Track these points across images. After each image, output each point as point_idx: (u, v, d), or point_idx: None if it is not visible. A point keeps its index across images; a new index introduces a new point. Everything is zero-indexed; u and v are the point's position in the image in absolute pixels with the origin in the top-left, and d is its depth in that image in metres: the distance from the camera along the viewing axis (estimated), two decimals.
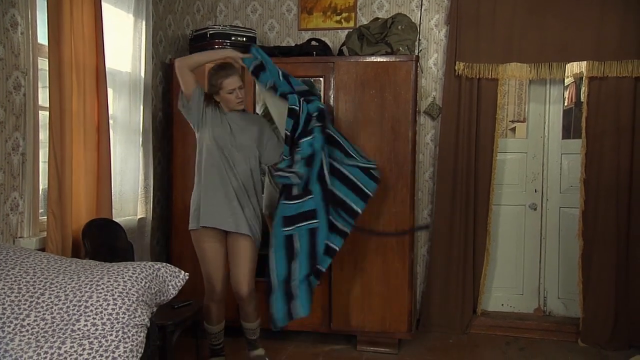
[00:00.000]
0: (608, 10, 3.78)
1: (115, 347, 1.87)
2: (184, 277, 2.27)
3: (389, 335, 3.66)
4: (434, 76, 4.27)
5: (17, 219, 2.64)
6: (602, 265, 3.85)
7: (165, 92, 3.95)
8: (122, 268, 2.09)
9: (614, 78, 3.80)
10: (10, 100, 2.58)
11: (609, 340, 3.80)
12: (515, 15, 3.93)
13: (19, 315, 1.89)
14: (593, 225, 3.88)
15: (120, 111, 3.38)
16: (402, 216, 3.59)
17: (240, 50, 3.78)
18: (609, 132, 3.84)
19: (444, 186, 4.09)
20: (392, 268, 3.61)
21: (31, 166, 2.69)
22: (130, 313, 1.96)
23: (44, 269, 2.08)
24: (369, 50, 3.73)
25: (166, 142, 3.97)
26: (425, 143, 4.29)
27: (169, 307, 3.02)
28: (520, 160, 4.32)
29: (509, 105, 5.70)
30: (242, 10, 4.50)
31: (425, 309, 4.16)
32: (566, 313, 4.22)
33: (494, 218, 4.16)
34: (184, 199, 3.82)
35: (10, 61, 2.57)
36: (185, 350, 3.44)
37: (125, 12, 3.37)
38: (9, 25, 2.55)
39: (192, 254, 3.76)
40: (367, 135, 3.62)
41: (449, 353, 3.73)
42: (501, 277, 4.32)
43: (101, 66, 2.98)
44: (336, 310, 3.69)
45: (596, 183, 3.87)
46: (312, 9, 4.38)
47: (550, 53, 3.90)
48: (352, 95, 3.64)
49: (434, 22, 4.26)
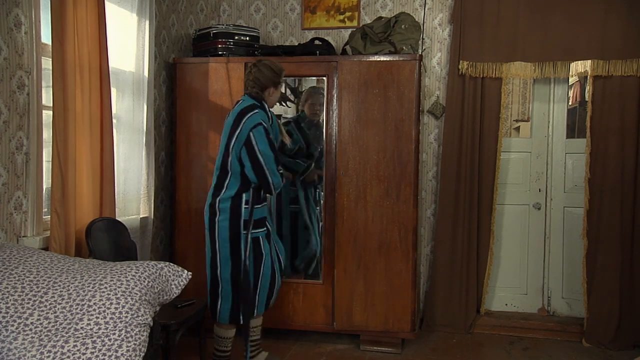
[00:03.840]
0: (612, 9, 3.76)
1: (118, 346, 1.87)
2: (187, 277, 2.27)
3: (392, 334, 3.65)
4: (438, 75, 4.26)
5: (21, 218, 2.64)
6: (606, 265, 3.83)
7: (168, 91, 3.96)
8: (125, 267, 2.10)
9: (619, 77, 3.79)
10: (14, 99, 2.58)
11: (613, 340, 3.79)
12: (519, 14, 3.92)
13: (23, 314, 1.90)
14: (597, 225, 3.86)
15: (123, 111, 3.38)
16: (405, 215, 3.59)
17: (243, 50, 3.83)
18: (613, 131, 3.82)
19: (447, 185, 4.08)
20: (396, 267, 3.61)
21: (35, 165, 2.69)
22: (133, 312, 1.96)
23: (48, 268, 2.08)
24: (373, 49, 3.73)
25: (169, 142, 3.98)
26: (428, 142, 4.28)
27: (172, 307, 3.02)
28: (524, 160, 4.30)
29: (513, 104, 5.69)
30: (245, 9, 4.50)
31: (428, 308, 4.16)
32: (570, 313, 4.21)
33: (497, 218, 4.16)
34: (187, 199, 3.83)
35: (14, 61, 2.57)
36: (188, 349, 3.44)
37: (128, 12, 3.37)
38: (13, 24, 2.55)
39: (195, 254, 3.79)
40: (370, 135, 3.62)
41: (452, 353, 3.72)
42: (505, 277, 4.31)
43: (105, 66, 2.98)
44: (339, 310, 3.69)
45: (601, 182, 3.86)
46: (315, 8, 4.38)
47: (555, 52, 3.89)
48: (356, 94, 3.63)
49: (438, 21, 4.25)
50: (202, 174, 3.80)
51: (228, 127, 3.04)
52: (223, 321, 3.09)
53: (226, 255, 3.03)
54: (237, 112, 3.03)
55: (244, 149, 2.97)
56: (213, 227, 3.05)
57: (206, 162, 3.77)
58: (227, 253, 3.03)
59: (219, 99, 3.77)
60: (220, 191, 3.05)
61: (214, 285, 3.08)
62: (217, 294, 3.08)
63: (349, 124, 3.64)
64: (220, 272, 3.05)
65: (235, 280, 3.04)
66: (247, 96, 3.13)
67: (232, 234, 3.02)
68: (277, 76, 3.15)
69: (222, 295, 3.06)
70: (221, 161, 3.06)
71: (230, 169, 3.03)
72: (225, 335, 3.15)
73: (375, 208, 3.62)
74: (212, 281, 3.09)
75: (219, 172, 3.08)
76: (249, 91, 3.14)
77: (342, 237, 3.67)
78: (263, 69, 3.11)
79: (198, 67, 3.82)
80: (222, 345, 3.16)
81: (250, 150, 2.97)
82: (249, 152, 2.97)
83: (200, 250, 3.76)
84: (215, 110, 3.76)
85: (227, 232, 3.02)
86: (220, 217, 3.02)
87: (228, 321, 3.09)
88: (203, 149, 3.80)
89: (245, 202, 3.03)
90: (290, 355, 3.60)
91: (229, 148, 3.02)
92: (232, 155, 3.01)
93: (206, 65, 3.80)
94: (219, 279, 3.06)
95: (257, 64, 3.14)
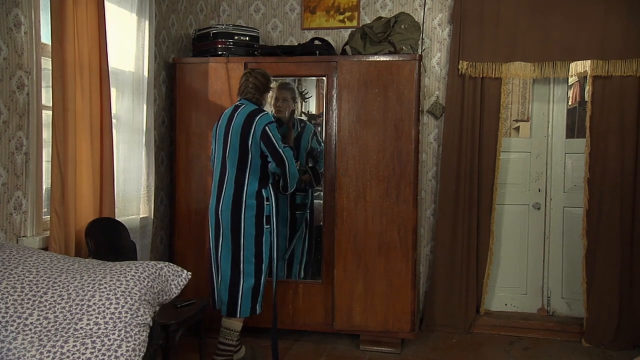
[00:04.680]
0: (612, 9, 3.76)
1: (117, 346, 1.87)
2: (187, 277, 2.27)
3: (392, 334, 3.65)
4: (437, 75, 4.26)
5: (21, 218, 2.65)
6: (606, 265, 3.83)
7: (168, 91, 3.96)
8: (125, 267, 2.10)
9: (618, 77, 3.79)
10: (14, 99, 2.58)
11: (612, 340, 3.79)
12: (519, 14, 3.92)
13: (22, 314, 1.90)
14: (597, 225, 3.86)
15: (123, 111, 3.38)
16: (405, 215, 3.59)
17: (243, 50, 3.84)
18: (613, 131, 3.82)
19: (447, 186, 4.08)
20: (395, 267, 3.61)
21: (34, 165, 2.69)
22: (133, 312, 1.96)
23: (47, 268, 2.08)
24: (372, 49, 3.73)
25: (169, 142, 3.98)
26: (428, 142, 4.28)
27: (171, 306, 3.02)
28: (523, 160, 4.30)
29: (513, 104, 5.68)
30: (245, 9, 4.50)
31: (428, 308, 4.16)
32: (570, 313, 4.21)
33: (497, 217, 4.15)
34: (187, 199, 3.83)
35: (14, 61, 2.57)
36: (188, 349, 3.44)
37: (128, 12, 3.37)
38: (13, 25, 2.55)
39: (194, 254, 3.79)
40: (370, 135, 3.62)
41: (452, 353, 3.73)
42: (505, 277, 4.31)
43: (104, 66, 2.98)
44: (339, 310, 3.69)
45: (600, 182, 3.86)
46: (315, 8, 4.38)
47: (554, 52, 3.89)
48: (355, 94, 3.63)
49: (438, 21, 4.25)
50: (202, 174, 3.80)
51: (239, 127, 3.14)
52: (244, 315, 3.19)
53: (251, 250, 3.15)
54: (247, 114, 3.16)
55: (262, 143, 3.12)
56: (239, 222, 3.14)
57: (206, 162, 3.77)
58: (253, 247, 3.15)
59: (218, 99, 3.77)
60: (242, 188, 3.15)
61: (235, 281, 3.16)
62: (238, 289, 3.16)
63: (349, 124, 3.65)
64: (244, 267, 3.15)
65: (257, 274, 3.17)
66: (247, 101, 3.25)
67: (257, 229, 3.15)
68: (269, 82, 3.35)
69: (243, 289, 3.16)
70: (237, 159, 3.15)
71: (250, 166, 3.15)
72: (236, 328, 3.23)
73: (375, 208, 3.62)
74: (233, 277, 3.17)
75: (237, 171, 3.16)
76: (248, 97, 3.26)
77: (342, 237, 3.67)
78: (259, 77, 3.29)
79: (198, 67, 3.82)
80: (230, 338, 3.22)
81: (269, 142, 3.12)
82: (267, 144, 3.12)
83: (200, 250, 3.78)
84: (215, 110, 3.75)
85: (254, 227, 3.14)
86: (246, 213, 3.13)
87: (249, 314, 3.20)
88: (203, 149, 3.79)
89: (266, 198, 3.18)
90: (290, 355, 3.60)
91: (246, 146, 3.13)
92: (251, 153, 3.13)
93: (206, 65, 3.80)
94: (242, 273, 3.16)
95: (252, 72, 3.32)
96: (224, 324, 3.22)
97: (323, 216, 3.73)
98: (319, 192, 3.86)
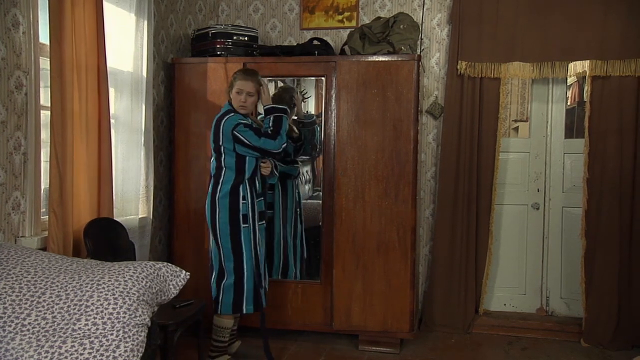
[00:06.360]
0: (611, 9, 3.77)
1: (115, 346, 1.86)
2: (185, 277, 2.26)
3: (390, 334, 3.65)
4: (436, 75, 4.26)
5: (19, 219, 2.64)
6: (604, 265, 3.83)
7: (167, 91, 3.95)
8: (123, 267, 2.09)
9: (617, 77, 3.79)
10: (12, 99, 2.58)
11: (611, 340, 3.79)
12: (518, 14, 3.92)
13: (20, 314, 1.89)
14: (596, 225, 3.86)
15: (121, 111, 3.38)
16: (404, 215, 3.59)
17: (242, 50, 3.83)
18: (611, 132, 3.83)
19: (446, 186, 4.08)
20: (394, 267, 3.61)
21: (33, 166, 2.69)
22: (131, 312, 1.95)
23: (45, 268, 2.08)
24: (371, 49, 3.72)
25: (168, 142, 3.97)
26: (427, 142, 4.28)
27: (170, 307, 3.02)
28: (522, 160, 4.31)
29: (512, 104, 5.67)
30: (244, 9, 4.50)
31: (427, 308, 4.16)
32: (569, 313, 4.21)
33: (496, 218, 4.15)
34: (186, 199, 3.83)
35: (12, 61, 2.57)
36: (186, 350, 3.44)
37: (127, 12, 3.37)
38: (11, 24, 2.55)
39: (193, 254, 3.79)
40: (369, 135, 3.62)
41: (451, 353, 3.72)
42: (503, 277, 4.31)
43: (103, 66, 2.97)
44: (338, 310, 3.69)
45: (599, 182, 3.86)
46: (314, 8, 4.37)
47: (553, 52, 3.89)
48: (354, 94, 3.63)
49: (436, 21, 4.25)
50: (201, 174, 3.79)
51: (212, 130, 3.27)
52: (225, 312, 3.24)
53: (228, 248, 3.21)
54: (217, 118, 3.26)
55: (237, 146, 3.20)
56: (215, 221, 3.23)
57: (205, 162, 3.76)
58: (229, 247, 3.20)
59: (217, 99, 3.77)
60: (217, 187, 3.24)
61: (220, 278, 3.26)
62: (220, 286, 3.25)
63: (348, 124, 3.64)
64: (225, 265, 3.24)
65: (238, 272, 3.21)
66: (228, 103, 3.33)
67: (232, 229, 3.20)
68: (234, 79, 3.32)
69: (224, 286, 3.23)
70: (214, 160, 3.28)
71: (225, 166, 3.23)
72: (224, 325, 3.30)
73: (373, 208, 3.62)
74: (219, 273, 3.26)
75: (215, 171, 3.28)
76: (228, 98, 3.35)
77: (341, 237, 3.66)
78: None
79: (197, 67, 3.81)
80: (221, 335, 3.31)
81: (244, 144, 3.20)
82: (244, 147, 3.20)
83: (199, 250, 3.77)
84: (214, 110, 3.74)
85: (228, 227, 3.20)
86: (220, 212, 3.21)
87: (231, 312, 3.24)
88: (202, 149, 3.79)
89: (242, 197, 3.21)
90: (289, 355, 3.60)
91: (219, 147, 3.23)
92: (224, 154, 3.22)
93: (205, 65, 3.80)
94: (225, 271, 3.24)
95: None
96: (213, 321, 3.32)
97: (322, 216, 3.73)
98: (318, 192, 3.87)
